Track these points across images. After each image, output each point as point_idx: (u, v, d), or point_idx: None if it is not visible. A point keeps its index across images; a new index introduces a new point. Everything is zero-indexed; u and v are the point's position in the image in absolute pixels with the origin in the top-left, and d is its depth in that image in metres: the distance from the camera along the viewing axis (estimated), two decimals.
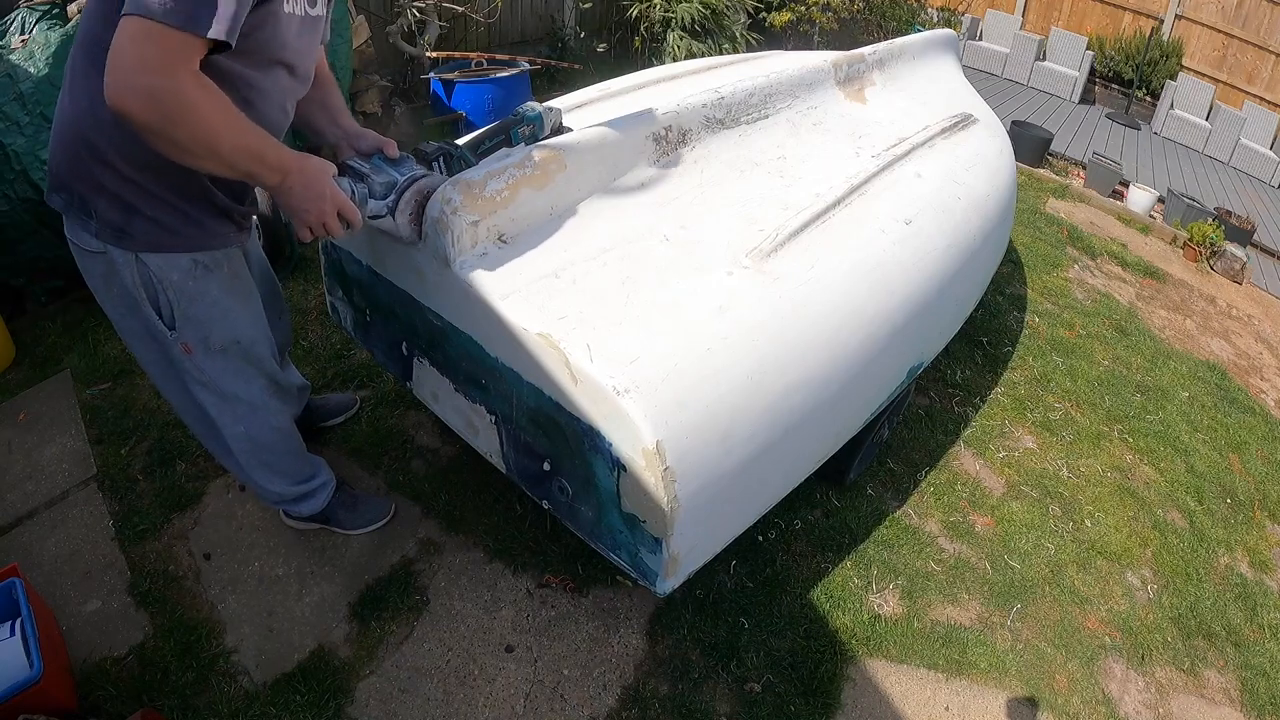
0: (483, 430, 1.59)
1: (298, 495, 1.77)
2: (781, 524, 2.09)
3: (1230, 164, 6.99)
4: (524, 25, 5.00)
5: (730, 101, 1.99)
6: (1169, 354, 3.47)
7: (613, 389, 1.23)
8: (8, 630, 1.44)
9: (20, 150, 2.24)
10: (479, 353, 1.46)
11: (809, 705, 1.71)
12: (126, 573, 1.78)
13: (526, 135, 1.67)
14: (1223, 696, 1.99)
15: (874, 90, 2.52)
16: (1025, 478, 2.50)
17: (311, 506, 1.81)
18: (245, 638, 1.68)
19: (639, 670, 1.72)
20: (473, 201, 1.42)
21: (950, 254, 1.94)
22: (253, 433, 1.57)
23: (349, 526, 1.90)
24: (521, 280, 1.41)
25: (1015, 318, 3.38)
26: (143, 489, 1.98)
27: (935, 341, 2.16)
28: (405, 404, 2.32)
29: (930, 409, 2.67)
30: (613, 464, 1.29)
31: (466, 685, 1.65)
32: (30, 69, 2.26)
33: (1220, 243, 4.62)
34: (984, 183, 2.23)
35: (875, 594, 1.99)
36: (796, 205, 1.76)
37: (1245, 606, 2.27)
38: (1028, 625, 2.01)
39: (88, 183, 1.19)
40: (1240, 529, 2.56)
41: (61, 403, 2.21)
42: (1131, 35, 7.56)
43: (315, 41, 1.33)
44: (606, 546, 1.43)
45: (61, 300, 2.52)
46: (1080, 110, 7.31)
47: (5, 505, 1.91)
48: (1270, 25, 6.90)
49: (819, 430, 1.64)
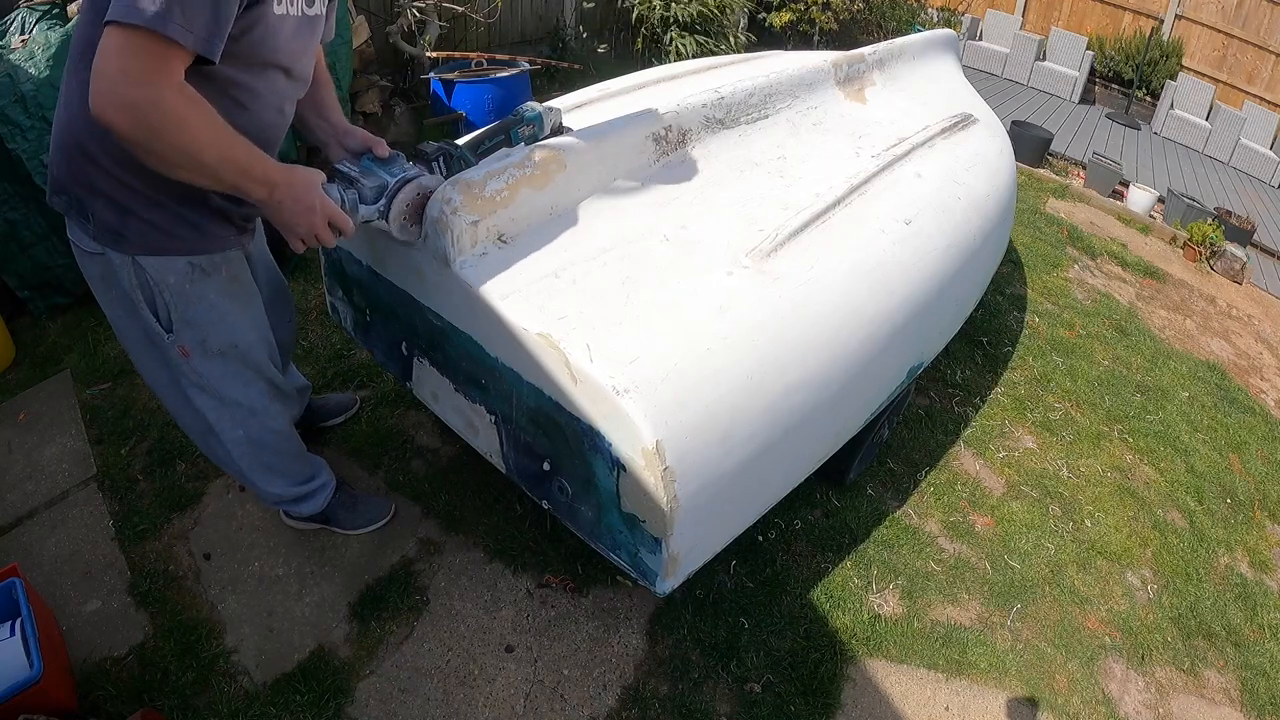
0: (483, 430, 1.59)
1: (298, 496, 1.77)
2: (781, 524, 2.09)
3: (1230, 164, 6.99)
4: (524, 25, 5.00)
5: (730, 101, 1.99)
6: (1169, 354, 3.47)
7: (612, 389, 1.23)
8: (8, 630, 1.44)
9: (25, 154, 2.24)
10: (479, 353, 1.46)
11: (809, 705, 1.71)
12: (126, 573, 1.78)
13: (526, 135, 1.67)
14: (1223, 696, 1.99)
15: (874, 90, 2.53)
16: (1025, 478, 2.50)
17: (311, 507, 1.81)
18: (245, 638, 1.68)
19: (639, 670, 1.72)
20: (473, 201, 1.42)
21: (950, 254, 1.94)
22: (252, 436, 1.56)
23: (349, 527, 1.90)
24: (521, 280, 1.41)
25: (1015, 318, 3.38)
26: (143, 489, 1.98)
27: (935, 341, 2.16)
28: (405, 404, 2.32)
29: (930, 409, 2.67)
30: (612, 464, 1.29)
31: (466, 685, 1.65)
32: (31, 69, 2.26)
33: (1220, 243, 4.62)
34: (984, 183, 2.23)
35: (875, 594, 1.99)
36: (796, 205, 1.76)
37: (1245, 606, 2.27)
38: (1028, 625, 2.01)
39: (84, 185, 1.18)
40: (1240, 529, 2.56)
41: (61, 403, 2.21)
42: (1131, 35, 7.56)
43: (313, 42, 1.31)
44: (606, 546, 1.43)
45: (64, 316, 2.52)
46: (1080, 110, 7.31)
47: (5, 505, 1.91)
48: (1270, 25, 6.90)
49: (819, 430, 1.64)
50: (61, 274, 2.46)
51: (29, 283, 2.43)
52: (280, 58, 1.19)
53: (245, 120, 1.16)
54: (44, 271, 2.43)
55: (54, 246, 2.41)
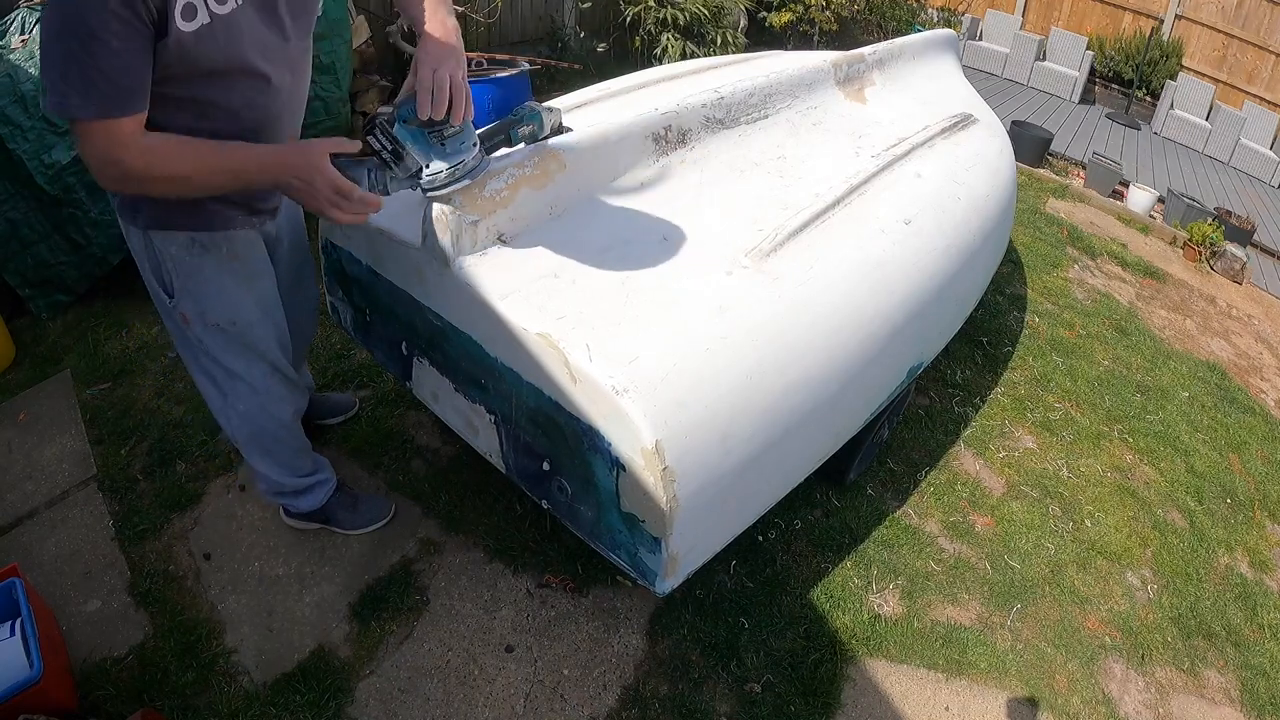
0: (482, 430, 1.59)
1: (295, 488, 1.78)
2: (781, 524, 2.09)
3: (1230, 164, 6.98)
4: (524, 25, 5.00)
5: (730, 101, 1.99)
6: (1169, 354, 3.47)
7: (612, 389, 1.23)
8: (8, 630, 1.44)
9: (26, 154, 2.24)
10: (479, 353, 1.46)
11: (809, 705, 1.71)
12: (126, 573, 1.78)
13: (526, 135, 1.67)
14: (1223, 696, 1.99)
15: (874, 90, 2.53)
16: (1025, 478, 2.50)
17: (309, 502, 1.82)
18: (245, 638, 1.68)
19: (639, 670, 1.72)
20: (473, 201, 1.42)
21: (950, 254, 1.94)
22: (251, 414, 1.58)
23: (349, 527, 1.90)
24: (521, 280, 1.41)
25: (1015, 318, 3.38)
26: (143, 489, 1.98)
27: (935, 341, 2.16)
28: (405, 404, 2.32)
29: (930, 409, 2.67)
30: (612, 464, 1.29)
31: (466, 685, 1.65)
32: (31, 69, 2.26)
33: (1220, 243, 4.62)
34: (984, 183, 2.23)
35: (875, 594, 1.99)
36: (796, 205, 1.76)
37: (1245, 606, 2.27)
38: (1028, 625, 2.01)
39: None
40: (1240, 529, 2.56)
41: (61, 403, 2.21)
42: (1131, 35, 7.56)
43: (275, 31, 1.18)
44: (606, 546, 1.43)
45: (64, 315, 2.52)
46: (1080, 110, 7.30)
47: (5, 505, 1.91)
48: (1270, 25, 6.90)
49: (819, 430, 1.64)
50: (63, 271, 2.46)
51: (30, 281, 2.43)
52: (225, 64, 1.12)
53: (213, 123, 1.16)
54: (46, 269, 2.43)
55: (56, 244, 2.41)
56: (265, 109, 1.23)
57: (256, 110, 1.21)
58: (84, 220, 2.39)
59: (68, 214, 2.37)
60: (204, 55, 1.07)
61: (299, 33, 1.24)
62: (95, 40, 0.95)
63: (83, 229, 2.41)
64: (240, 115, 1.19)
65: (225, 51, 1.10)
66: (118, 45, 0.96)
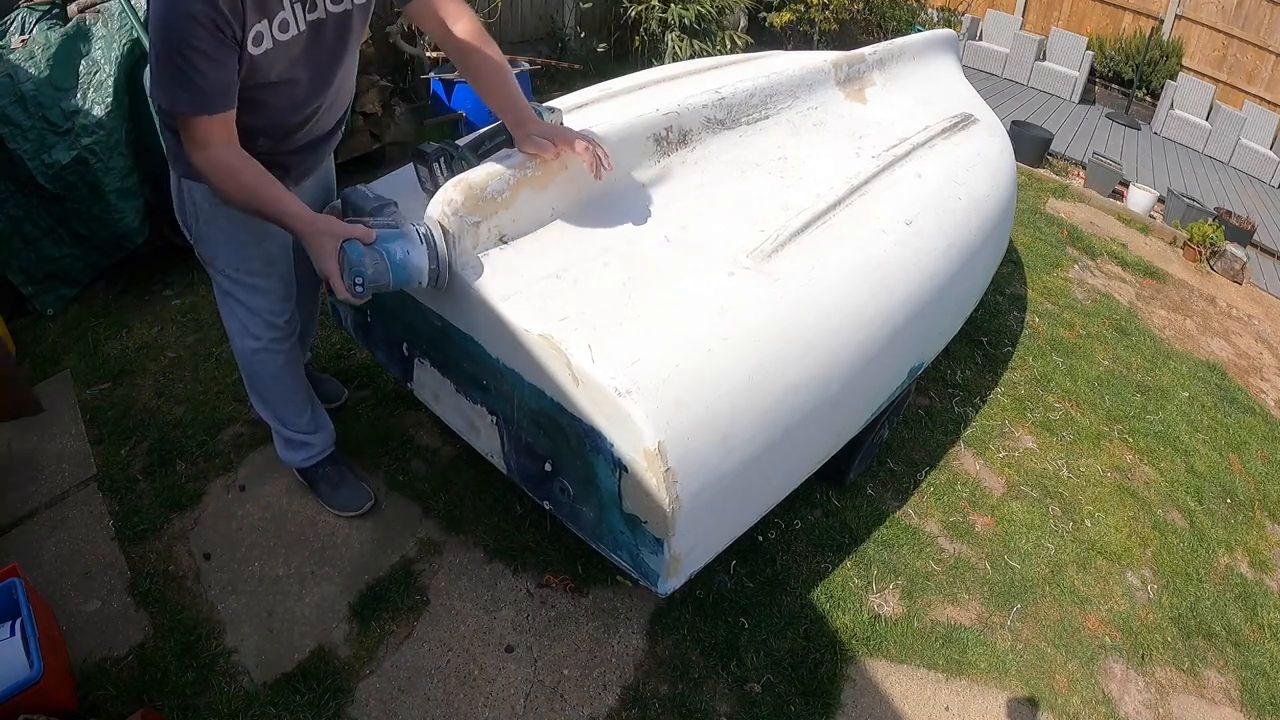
0: (484, 431, 1.59)
1: (286, 438, 1.89)
2: (781, 524, 2.09)
3: (1230, 164, 6.99)
4: (524, 25, 4.99)
5: (731, 102, 1.99)
6: (1169, 354, 3.47)
7: (614, 390, 1.23)
8: (8, 630, 1.44)
9: (26, 154, 2.24)
10: (480, 354, 1.46)
11: (809, 705, 1.71)
12: (126, 573, 1.78)
13: None
14: (1223, 696, 1.99)
15: (874, 90, 2.53)
16: (1025, 478, 2.50)
17: (290, 457, 1.92)
18: (245, 638, 1.68)
19: (639, 670, 1.72)
20: (473, 202, 1.42)
21: (950, 254, 1.94)
22: (243, 353, 1.73)
23: (328, 503, 1.96)
24: (523, 281, 1.41)
25: (1015, 318, 3.38)
26: (143, 489, 1.98)
27: (935, 341, 2.16)
28: (405, 404, 2.32)
29: (930, 409, 2.67)
30: (614, 465, 1.29)
31: (467, 685, 1.65)
32: (31, 69, 2.26)
33: (1220, 243, 4.62)
34: (984, 183, 2.23)
35: (875, 594, 1.99)
36: (797, 206, 1.76)
37: (1245, 606, 2.27)
38: (1028, 625, 2.01)
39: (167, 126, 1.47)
40: (1240, 529, 2.56)
41: (61, 403, 2.21)
42: (1131, 35, 7.56)
43: (324, 53, 1.42)
44: (608, 547, 1.43)
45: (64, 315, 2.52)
46: (1080, 110, 7.31)
47: (5, 505, 1.91)
48: (1270, 25, 6.91)
49: (819, 430, 1.64)
50: (68, 264, 2.45)
51: (34, 278, 2.42)
52: (278, 77, 1.36)
53: (263, 116, 1.39)
54: (50, 264, 2.43)
55: (60, 238, 2.41)
56: (307, 105, 1.47)
57: (299, 106, 1.46)
58: (87, 214, 2.39)
59: (71, 208, 2.37)
60: (264, 70, 1.31)
61: (345, 49, 1.47)
62: (196, 53, 1.19)
63: (87, 222, 2.41)
64: (284, 110, 1.44)
65: (278, 67, 1.34)
66: (213, 56, 1.20)
